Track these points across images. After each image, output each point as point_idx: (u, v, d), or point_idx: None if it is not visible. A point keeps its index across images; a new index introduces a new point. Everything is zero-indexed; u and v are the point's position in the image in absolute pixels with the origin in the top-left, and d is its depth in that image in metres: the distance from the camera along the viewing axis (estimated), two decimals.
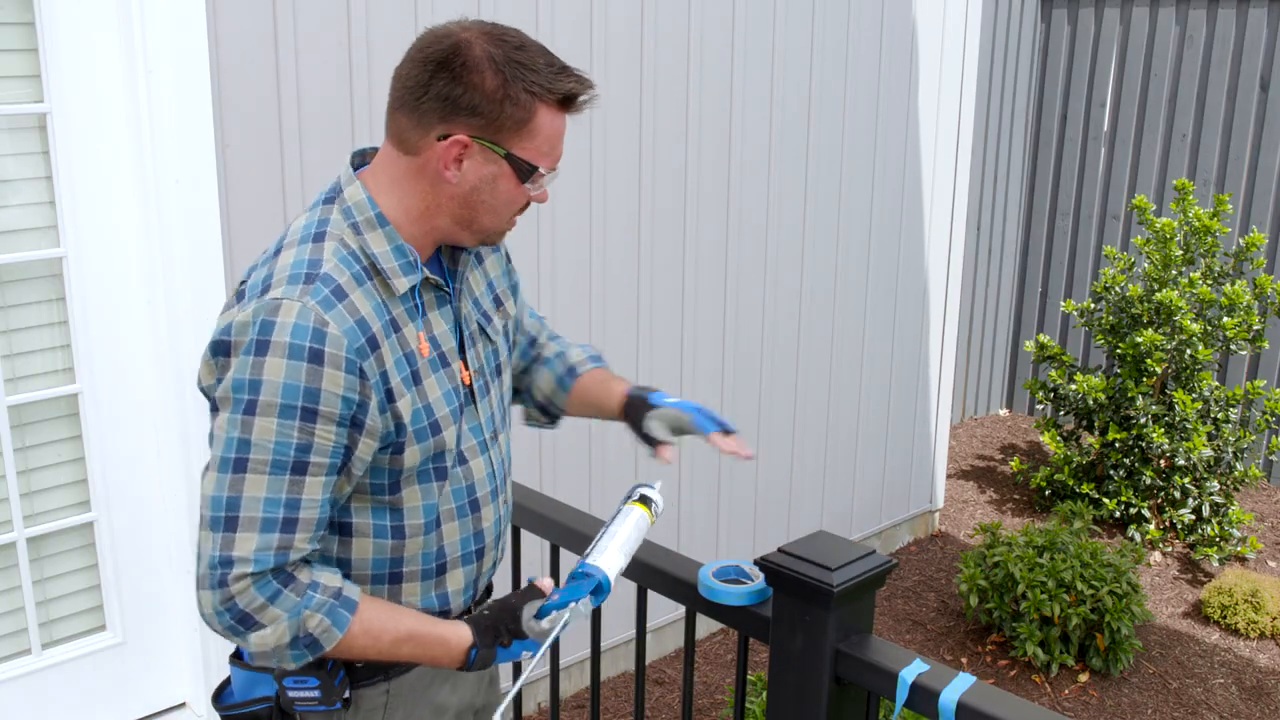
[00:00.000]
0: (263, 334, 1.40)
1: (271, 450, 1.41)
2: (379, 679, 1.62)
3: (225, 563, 1.41)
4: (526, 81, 1.46)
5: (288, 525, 1.43)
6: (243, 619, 1.43)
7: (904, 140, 4.53)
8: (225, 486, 1.42)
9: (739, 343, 4.03)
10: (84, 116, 2.56)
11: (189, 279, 2.65)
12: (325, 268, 1.45)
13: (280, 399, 1.40)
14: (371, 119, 2.90)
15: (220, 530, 1.42)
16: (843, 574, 1.67)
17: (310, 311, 1.41)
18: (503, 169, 1.50)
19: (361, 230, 1.51)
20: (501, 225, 1.56)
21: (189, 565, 2.84)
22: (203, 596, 1.44)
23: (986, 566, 4.14)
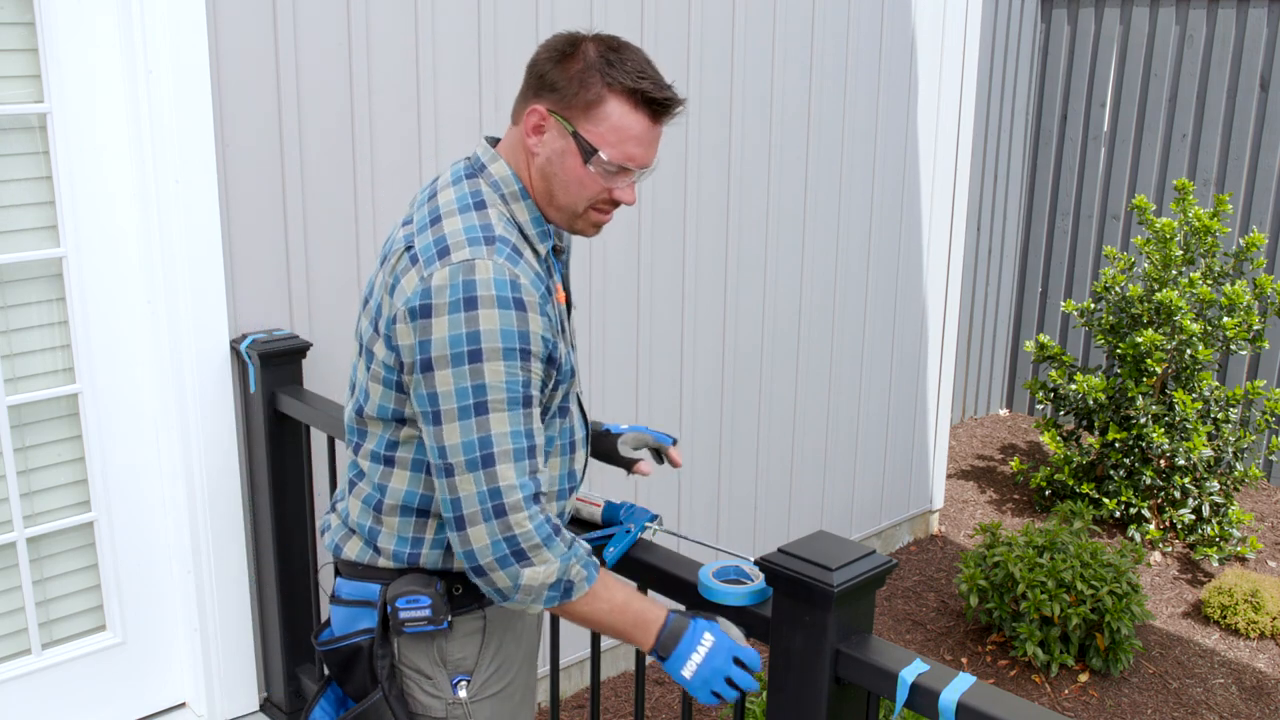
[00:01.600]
0: (468, 291, 1.55)
1: (505, 389, 1.56)
2: (474, 606, 1.75)
3: (495, 494, 1.56)
4: (604, 72, 1.62)
5: (531, 452, 1.60)
6: (519, 553, 1.58)
7: (904, 140, 4.53)
8: (473, 430, 1.56)
9: (739, 343, 4.03)
10: (84, 116, 2.56)
11: (189, 279, 2.65)
12: (498, 230, 1.63)
13: (502, 343, 1.55)
14: (372, 119, 2.90)
15: (480, 468, 1.56)
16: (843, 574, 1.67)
17: (503, 267, 1.58)
18: (570, 145, 1.64)
19: (508, 201, 1.69)
20: (577, 206, 1.69)
21: (189, 565, 2.84)
22: (474, 533, 1.57)
23: (986, 566, 4.14)
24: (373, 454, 1.73)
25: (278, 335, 2.76)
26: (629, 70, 1.63)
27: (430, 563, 1.73)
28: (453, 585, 1.74)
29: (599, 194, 1.68)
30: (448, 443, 1.58)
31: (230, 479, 2.80)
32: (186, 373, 2.70)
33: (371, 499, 1.74)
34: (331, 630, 1.83)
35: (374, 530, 1.74)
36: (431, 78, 3.00)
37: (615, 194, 1.68)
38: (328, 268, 2.90)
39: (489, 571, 1.59)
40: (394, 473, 1.71)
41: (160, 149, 2.58)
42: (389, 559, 1.74)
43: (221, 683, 2.89)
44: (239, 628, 2.88)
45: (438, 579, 1.72)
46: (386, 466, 1.72)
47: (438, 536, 1.72)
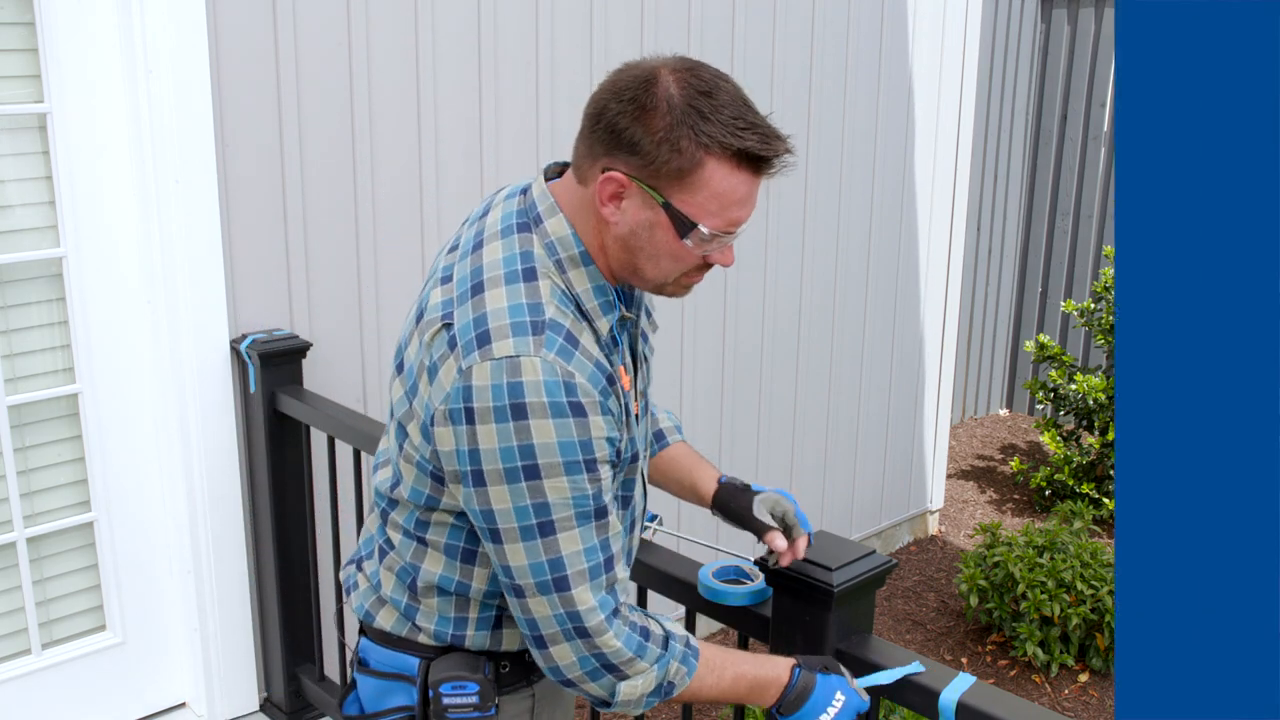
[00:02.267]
0: (514, 398, 1.34)
1: (573, 505, 1.39)
2: (522, 684, 1.62)
3: (574, 617, 1.42)
4: (696, 129, 1.33)
5: (608, 565, 1.44)
6: (610, 668, 1.45)
7: (904, 140, 4.52)
8: (540, 552, 1.39)
9: (739, 343, 4.03)
10: (84, 116, 2.56)
11: (189, 279, 2.65)
12: (549, 313, 1.39)
13: (562, 458, 1.36)
14: (372, 120, 2.90)
15: (553, 591, 1.41)
16: (843, 574, 1.67)
17: (554, 366, 1.35)
18: (660, 218, 1.39)
19: (565, 268, 1.44)
20: (666, 279, 1.46)
21: (189, 565, 2.84)
22: (557, 651, 1.44)
23: (986, 566, 4.14)
24: (404, 529, 1.56)
25: (278, 335, 2.76)
26: (726, 122, 1.34)
27: (476, 644, 1.58)
28: (500, 663, 1.60)
29: (694, 263, 1.44)
30: (513, 563, 1.41)
31: (230, 479, 2.80)
32: (186, 373, 2.70)
33: (406, 575, 1.57)
34: (359, 699, 1.66)
35: (411, 608, 1.58)
36: (431, 78, 3.00)
37: (712, 258, 1.44)
38: (328, 268, 2.90)
39: (580, 684, 1.46)
40: (427, 553, 1.55)
41: (160, 149, 2.58)
42: (430, 637, 1.58)
43: (221, 683, 2.89)
44: (239, 628, 2.88)
45: (485, 659, 1.58)
46: (419, 545, 1.55)
47: (482, 616, 1.57)
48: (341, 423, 2.58)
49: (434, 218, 3.07)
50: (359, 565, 1.68)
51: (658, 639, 1.48)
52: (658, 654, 1.47)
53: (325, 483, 2.80)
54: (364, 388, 3.02)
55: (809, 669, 1.58)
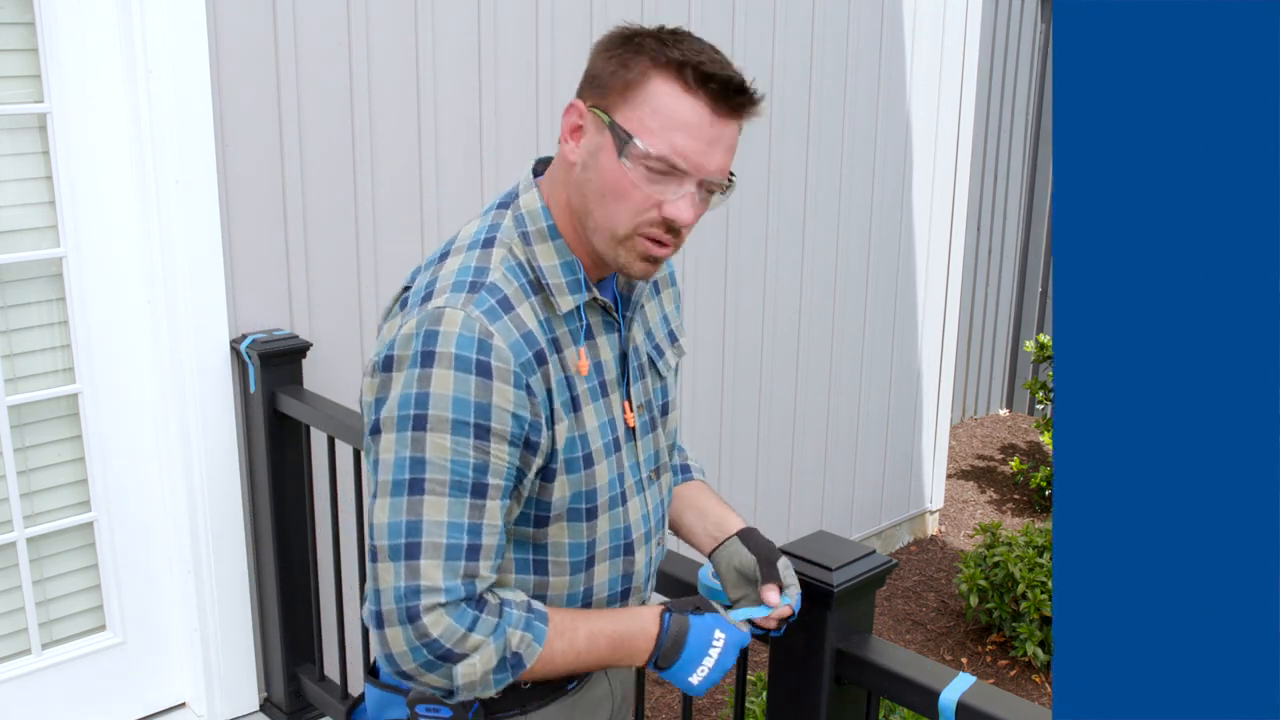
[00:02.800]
0: (427, 345, 1.30)
1: (449, 470, 1.30)
2: (514, 712, 1.50)
3: (413, 593, 1.31)
4: (652, 50, 1.32)
5: (472, 552, 1.33)
6: (444, 655, 1.33)
7: (904, 140, 4.53)
8: (402, 510, 1.31)
9: (739, 343, 4.03)
10: (84, 116, 2.56)
11: (189, 279, 2.65)
12: (492, 276, 1.35)
13: (451, 414, 1.29)
14: (371, 120, 2.90)
15: (402, 559, 1.31)
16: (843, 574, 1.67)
17: (475, 322, 1.30)
18: (605, 140, 1.33)
19: (531, 241, 1.40)
20: (618, 227, 1.36)
21: (189, 565, 2.84)
22: (390, 635, 1.33)
23: (986, 566, 4.14)
24: None
25: (278, 335, 2.76)
26: (685, 49, 1.31)
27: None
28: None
29: (643, 208, 1.34)
30: (376, 521, 1.33)
31: (230, 479, 2.80)
32: (186, 373, 2.70)
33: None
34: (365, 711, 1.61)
35: None
36: (431, 78, 3.00)
37: (665, 209, 1.34)
38: (328, 268, 2.90)
39: (418, 678, 1.35)
40: None
41: (160, 149, 2.58)
42: None
43: (221, 683, 2.89)
44: (239, 628, 2.88)
45: None
46: None
47: None
48: (341, 423, 2.58)
49: (434, 218, 3.07)
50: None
51: (492, 608, 1.36)
52: (493, 624, 1.35)
53: (325, 483, 2.80)
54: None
55: (679, 612, 1.47)
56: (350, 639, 2.91)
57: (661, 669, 1.46)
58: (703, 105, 1.31)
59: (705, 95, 1.31)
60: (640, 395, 1.53)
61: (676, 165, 1.32)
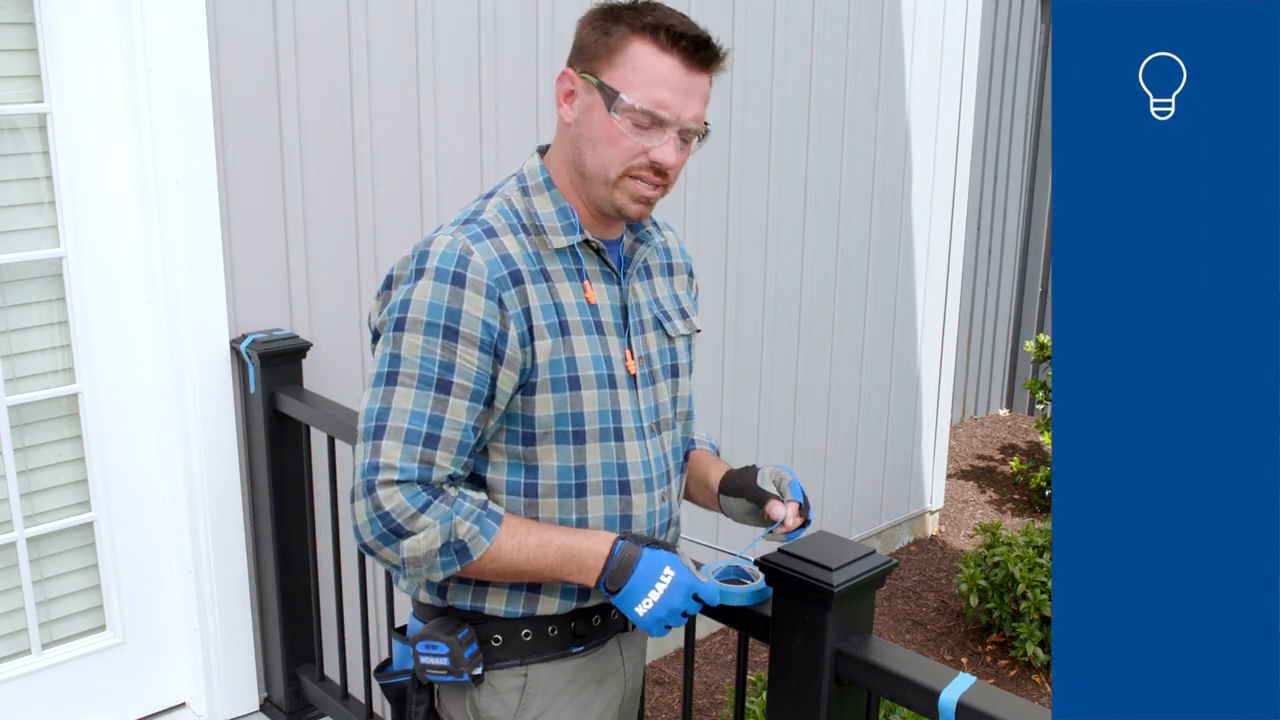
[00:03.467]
0: (419, 264, 1.51)
1: (418, 365, 1.48)
2: (514, 662, 1.63)
3: (373, 469, 1.47)
4: (628, 16, 1.52)
5: (430, 440, 1.48)
6: (395, 529, 1.48)
7: (903, 140, 4.53)
8: (378, 399, 1.50)
9: (739, 343, 4.03)
10: (84, 116, 2.56)
11: (189, 279, 2.65)
12: (484, 215, 1.57)
13: (425, 316, 1.48)
14: (371, 120, 2.90)
15: (370, 439, 1.49)
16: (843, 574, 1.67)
17: (458, 242, 1.51)
18: (595, 99, 1.53)
19: (530, 193, 1.61)
20: (609, 171, 1.54)
21: (189, 565, 2.84)
22: (356, 508, 1.50)
23: (986, 566, 4.14)
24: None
25: (278, 335, 2.76)
26: (657, 14, 1.51)
27: (459, 602, 1.63)
28: (491, 635, 1.62)
29: (632, 153, 1.52)
30: (360, 408, 1.53)
31: (230, 479, 2.80)
32: (186, 373, 2.70)
33: None
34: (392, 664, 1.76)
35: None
36: (431, 78, 3.00)
37: (652, 154, 1.52)
38: (328, 268, 2.90)
39: (375, 550, 1.50)
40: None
41: (160, 149, 2.58)
42: (428, 595, 1.66)
43: (221, 683, 2.89)
44: (239, 628, 2.88)
45: (468, 625, 1.61)
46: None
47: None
48: (342, 423, 2.58)
49: (434, 218, 3.08)
50: None
51: (447, 498, 1.50)
52: (444, 510, 1.49)
53: (325, 483, 2.80)
54: (364, 388, 3.02)
55: (635, 543, 1.56)
56: (350, 639, 2.91)
57: (611, 593, 1.55)
58: (676, 61, 1.50)
59: (678, 53, 1.50)
60: (641, 347, 1.66)
61: (658, 115, 1.51)
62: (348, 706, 2.80)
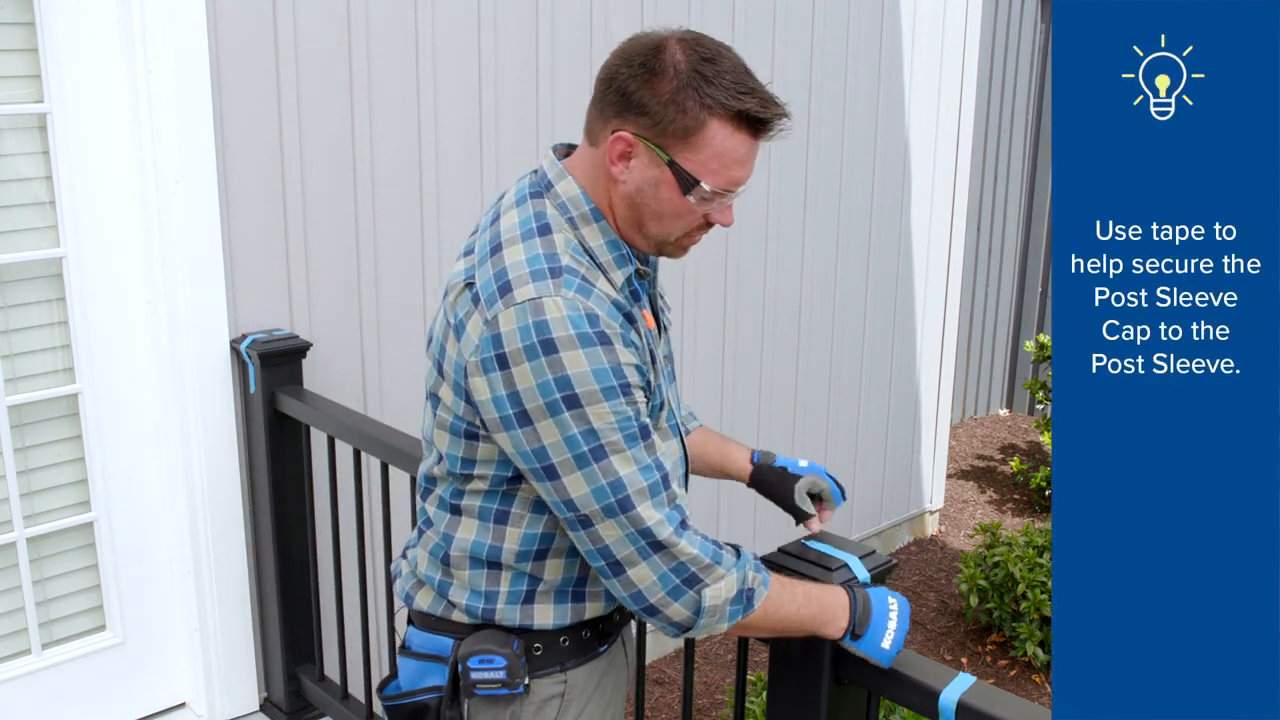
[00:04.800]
0: (541, 334, 1.41)
1: (618, 429, 1.44)
2: (555, 669, 1.63)
3: (645, 534, 1.45)
4: (701, 92, 1.43)
5: (665, 483, 1.47)
6: (691, 579, 1.46)
7: (904, 140, 4.53)
8: (598, 476, 1.44)
9: (739, 344, 4.03)
10: (84, 116, 2.56)
11: (189, 279, 2.65)
12: (563, 260, 1.47)
13: (596, 384, 1.42)
14: (371, 118, 2.90)
15: (619, 513, 1.45)
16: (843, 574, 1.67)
17: (574, 302, 1.43)
18: (665, 175, 1.48)
19: (578, 225, 1.52)
20: (670, 236, 1.54)
21: (189, 565, 2.84)
22: (636, 573, 1.46)
23: (986, 566, 4.14)
24: (440, 500, 1.62)
25: (278, 335, 2.76)
26: (728, 86, 1.44)
27: (507, 619, 1.59)
28: (532, 645, 1.61)
29: (695, 222, 1.53)
30: (574, 495, 1.45)
31: (230, 479, 2.80)
32: (186, 373, 2.70)
33: (439, 550, 1.61)
34: (399, 684, 1.70)
35: (444, 583, 1.62)
36: (431, 78, 3.00)
37: (713, 217, 1.54)
38: (328, 268, 2.90)
39: (663, 608, 1.48)
40: (460, 521, 1.59)
41: (160, 149, 2.58)
42: (463, 613, 1.61)
43: (221, 683, 2.89)
44: (239, 628, 2.88)
45: (515, 637, 1.59)
46: (453, 515, 1.59)
47: (513, 590, 1.58)
48: (341, 423, 2.58)
49: (434, 217, 3.07)
50: (404, 554, 1.73)
51: (729, 549, 1.52)
52: (733, 560, 1.50)
53: (325, 483, 2.80)
54: (364, 388, 3.02)
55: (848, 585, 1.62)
56: (350, 639, 2.91)
57: (857, 638, 1.58)
58: (750, 138, 1.48)
59: (750, 131, 1.48)
60: (665, 347, 1.68)
61: (732, 192, 1.51)
62: (348, 706, 2.79)
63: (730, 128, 1.45)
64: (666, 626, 1.51)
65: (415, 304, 3.08)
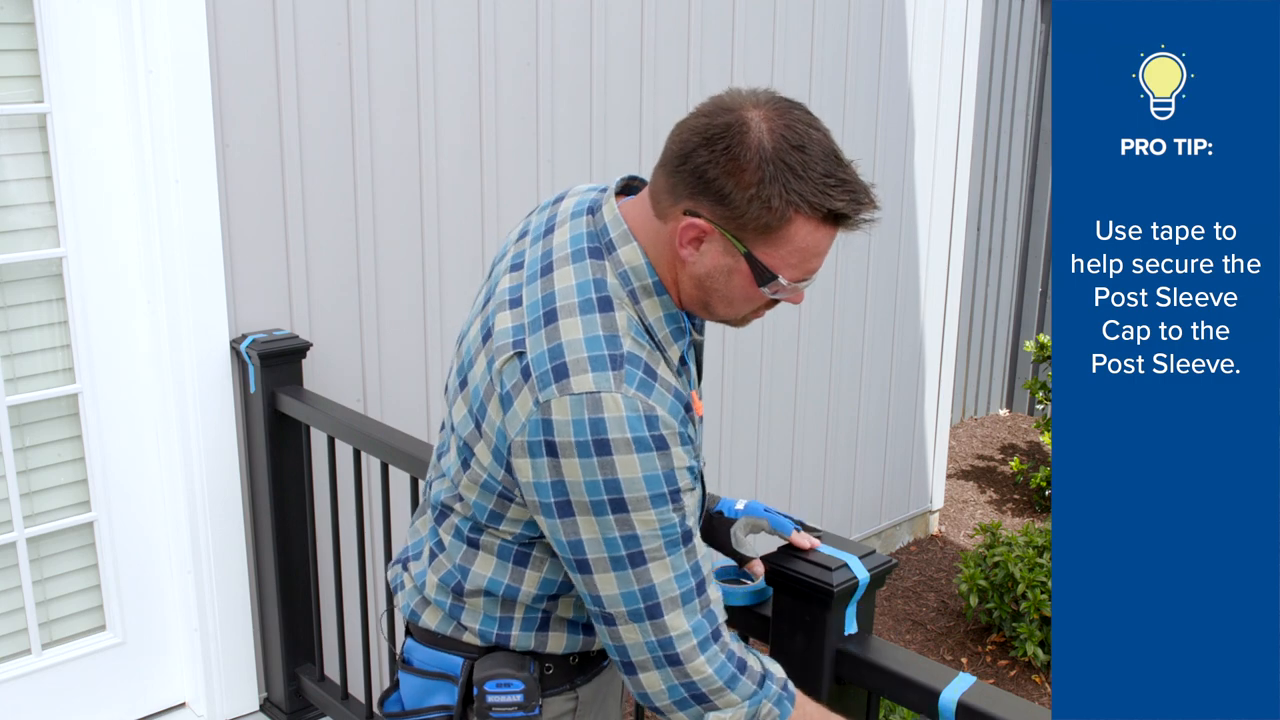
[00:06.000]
0: (596, 433, 1.34)
1: (661, 535, 1.38)
2: (565, 687, 1.61)
3: (665, 644, 1.41)
4: (788, 188, 1.33)
5: (700, 589, 1.42)
6: (699, 697, 1.43)
7: (904, 140, 4.53)
8: (632, 581, 1.39)
9: (739, 344, 4.03)
10: (84, 116, 2.56)
11: (189, 279, 2.65)
12: (626, 346, 1.38)
13: (648, 491, 1.36)
14: (371, 118, 2.90)
15: (645, 620, 1.41)
16: (842, 574, 1.67)
17: (635, 401, 1.35)
18: (740, 266, 1.40)
19: (638, 298, 1.43)
20: (737, 317, 1.49)
21: (189, 565, 2.84)
22: (646, 678, 1.43)
23: (986, 566, 4.14)
24: (456, 530, 1.55)
25: (278, 335, 2.76)
26: (817, 180, 1.34)
27: (521, 645, 1.57)
28: (544, 665, 1.59)
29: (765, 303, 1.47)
30: (603, 593, 1.41)
31: (230, 479, 2.80)
32: (186, 373, 2.70)
33: (451, 579, 1.56)
34: (400, 699, 1.66)
35: (456, 608, 1.58)
36: (431, 78, 3.00)
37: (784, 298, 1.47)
38: (328, 268, 2.90)
39: (667, 713, 1.45)
40: (478, 556, 1.53)
41: (160, 149, 2.58)
42: (475, 636, 1.58)
43: (221, 683, 2.89)
44: (239, 628, 2.88)
45: (530, 659, 1.57)
46: (470, 549, 1.54)
47: (527, 617, 1.56)
48: (341, 423, 2.58)
49: (433, 217, 3.07)
50: (405, 565, 1.67)
51: (754, 675, 1.46)
52: (751, 690, 1.45)
53: (325, 483, 2.80)
54: (364, 388, 3.02)
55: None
56: (350, 639, 2.91)
57: None
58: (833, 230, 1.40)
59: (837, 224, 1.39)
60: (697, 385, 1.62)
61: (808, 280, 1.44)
62: (348, 706, 2.79)
63: (815, 223, 1.37)
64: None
65: (415, 304, 3.08)
